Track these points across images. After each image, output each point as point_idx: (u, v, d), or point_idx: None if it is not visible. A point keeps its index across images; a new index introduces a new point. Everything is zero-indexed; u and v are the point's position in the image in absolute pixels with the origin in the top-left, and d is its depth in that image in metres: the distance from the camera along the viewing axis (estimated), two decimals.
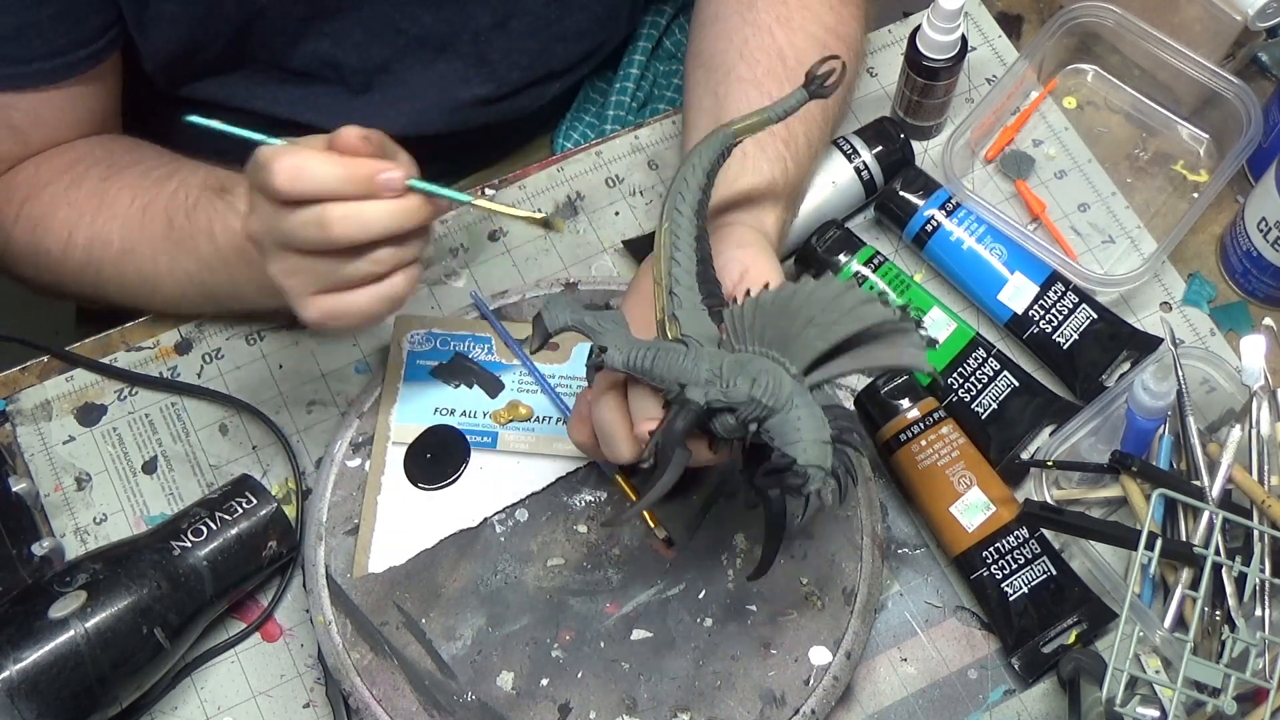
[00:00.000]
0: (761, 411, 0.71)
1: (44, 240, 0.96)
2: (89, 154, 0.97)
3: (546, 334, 0.78)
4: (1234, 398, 0.93)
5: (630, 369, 0.75)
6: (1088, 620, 0.89)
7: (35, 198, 0.96)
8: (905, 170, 1.02)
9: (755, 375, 0.72)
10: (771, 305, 0.73)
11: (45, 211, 0.95)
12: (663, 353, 0.74)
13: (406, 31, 1.01)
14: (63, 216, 0.95)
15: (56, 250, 0.95)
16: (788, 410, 0.71)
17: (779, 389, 0.71)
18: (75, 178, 0.95)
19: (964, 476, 0.92)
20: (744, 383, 0.72)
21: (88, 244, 0.94)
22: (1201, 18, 1.04)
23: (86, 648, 0.82)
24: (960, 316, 0.98)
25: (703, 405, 0.72)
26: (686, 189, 0.79)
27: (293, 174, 0.73)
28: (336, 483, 0.91)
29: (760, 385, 0.71)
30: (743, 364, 0.73)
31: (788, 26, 0.94)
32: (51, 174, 0.96)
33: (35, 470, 0.96)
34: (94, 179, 0.95)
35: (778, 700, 0.85)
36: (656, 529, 0.89)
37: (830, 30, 0.95)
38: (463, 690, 0.86)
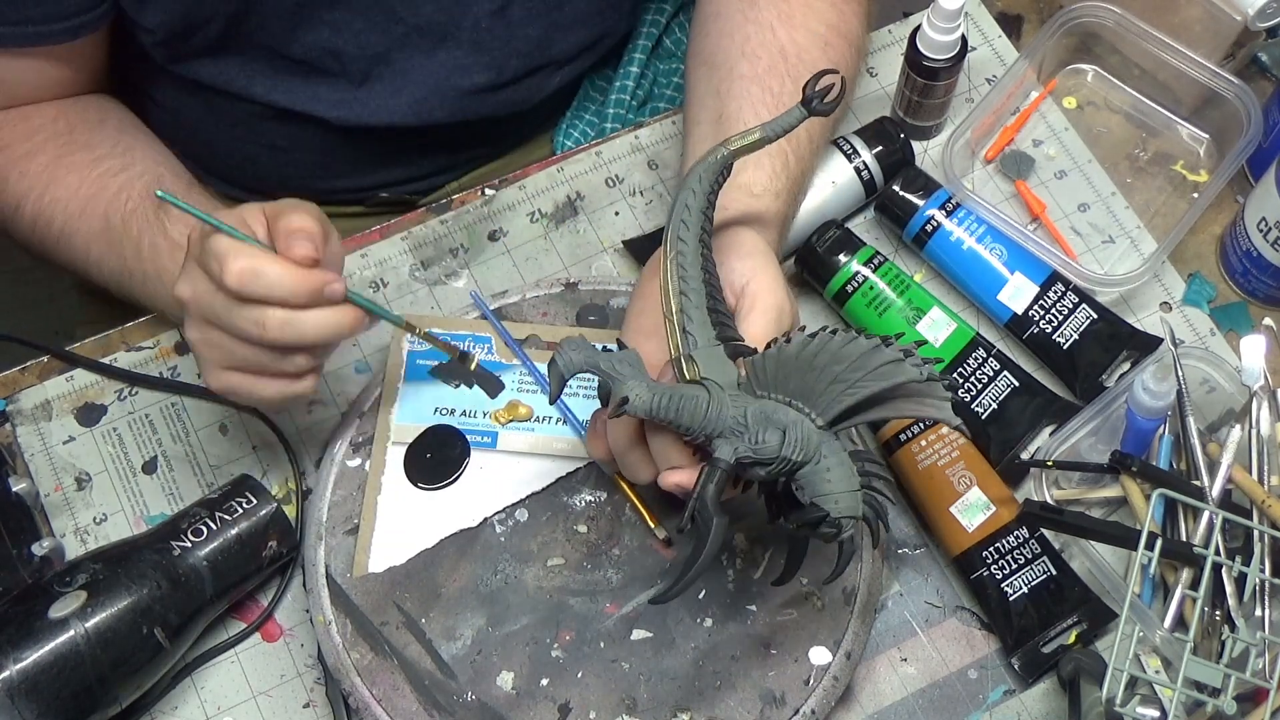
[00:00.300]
0: (791, 467, 0.72)
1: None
2: (51, 123, 0.98)
3: (563, 379, 0.77)
4: (1234, 398, 0.93)
5: (653, 417, 0.75)
6: (1088, 620, 0.89)
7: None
8: (905, 170, 1.02)
9: (784, 427, 0.72)
10: (795, 359, 0.73)
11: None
12: (685, 400, 0.74)
13: (406, 20, 1.01)
14: (14, 184, 0.97)
15: (7, 213, 0.98)
16: (816, 462, 0.72)
17: (807, 442, 0.72)
18: (31, 149, 0.96)
19: (964, 476, 0.92)
20: (773, 437, 0.72)
21: (33, 218, 0.96)
22: (1201, 18, 1.04)
23: (86, 648, 0.82)
24: (960, 316, 0.98)
25: (732, 463, 0.73)
26: (689, 215, 0.78)
27: (247, 278, 0.75)
28: (336, 482, 0.91)
29: (790, 441, 0.72)
30: (768, 415, 0.73)
31: (789, 23, 0.94)
32: (11, 138, 0.97)
33: (35, 470, 0.96)
34: (49, 154, 0.96)
35: (778, 700, 0.85)
36: (656, 529, 0.89)
37: (832, 27, 0.95)
38: (463, 690, 0.86)
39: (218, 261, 0.75)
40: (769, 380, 0.74)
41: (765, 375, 0.74)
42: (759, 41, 0.93)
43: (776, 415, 0.73)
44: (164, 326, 1.01)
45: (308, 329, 0.77)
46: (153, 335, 1.01)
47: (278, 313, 0.76)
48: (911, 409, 0.72)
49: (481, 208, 1.05)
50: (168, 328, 1.01)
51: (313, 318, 0.77)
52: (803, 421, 0.73)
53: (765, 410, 0.73)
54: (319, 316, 0.77)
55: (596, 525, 0.90)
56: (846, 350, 0.72)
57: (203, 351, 0.80)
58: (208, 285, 0.77)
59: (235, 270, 0.74)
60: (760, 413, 0.73)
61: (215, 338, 0.79)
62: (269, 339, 0.76)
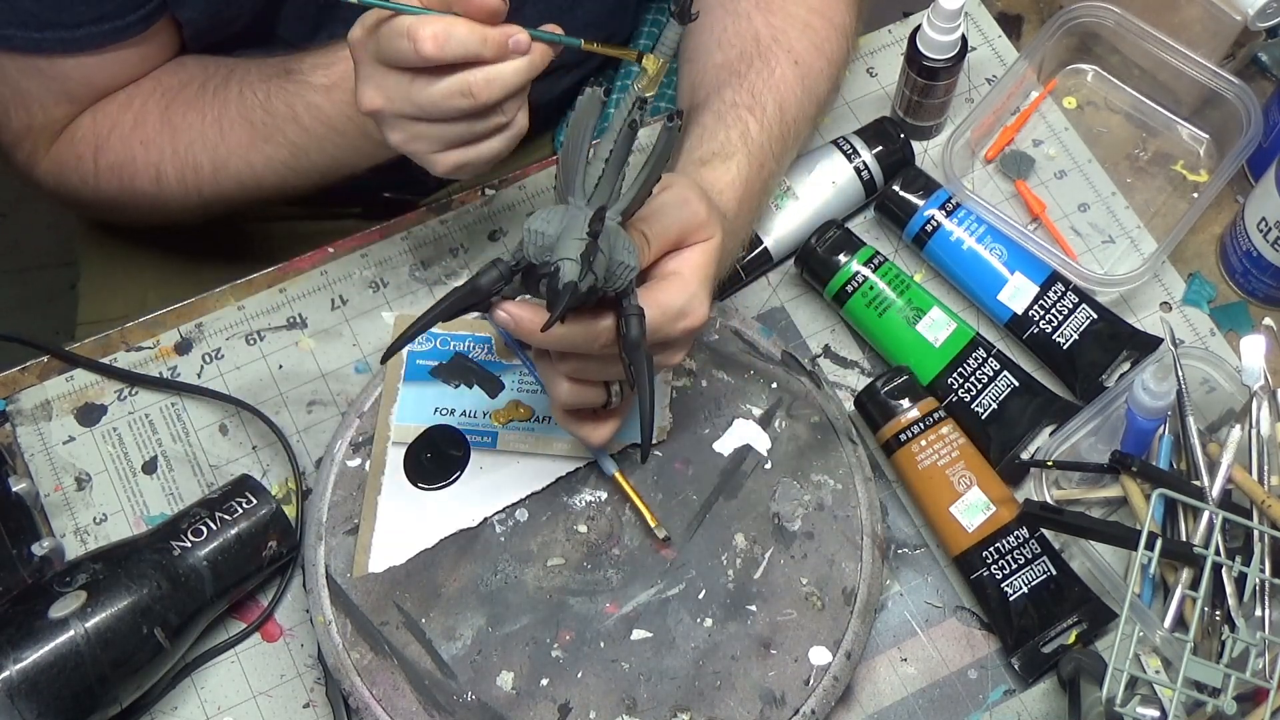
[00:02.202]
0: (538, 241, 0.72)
1: (134, 183, 0.98)
2: (139, 89, 0.98)
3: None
4: (1234, 398, 0.93)
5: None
6: (1088, 620, 0.89)
7: (105, 147, 0.98)
8: (905, 170, 1.02)
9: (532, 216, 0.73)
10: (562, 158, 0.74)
11: (123, 158, 0.98)
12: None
13: None
14: (142, 158, 0.97)
15: (151, 189, 0.98)
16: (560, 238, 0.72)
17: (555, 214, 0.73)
18: (136, 117, 0.97)
19: (964, 476, 0.92)
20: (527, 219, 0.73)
21: (179, 175, 0.97)
22: (1201, 18, 1.04)
23: (86, 648, 0.82)
24: (960, 316, 0.98)
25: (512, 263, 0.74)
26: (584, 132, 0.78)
27: (442, 40, 0.75)
28: (336, 482, 0.91)
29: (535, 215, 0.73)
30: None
31: (767, 10, 0.94)
32: (110, 120, 0.97)
33: (35, 470, 0.96)
34: (155, 112, 0.97)
35: (778, 700, 0.85)
36: (657, 529, 0.89)
37: (814, 10, 0.95)
38: (463, 690, 0.86)
39: (407, 38, 0.75)
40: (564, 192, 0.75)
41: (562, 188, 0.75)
42: (735, 31, 0.94)
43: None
44: (164, 326, 1.01)
45: (510, 82, 0.77)
46: (152, 335, 1.01)
47: (478, 73, 0.76)
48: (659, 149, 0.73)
49: (481, 208, 1.05)
50: (168, 327, 1.01)
51: (511, 69, 0.77)
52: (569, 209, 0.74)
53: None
54: (515, 66, 0.77)
55: (596, 525, 0.90)
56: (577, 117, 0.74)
57: (414, 147, 0.81)
58: (398, 78, 0.77)
59: (428, 35, 0.74)
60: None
61: (422, 129, 0.79)
62: (481, 102, 0.77)
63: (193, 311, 1.02)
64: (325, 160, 0.95)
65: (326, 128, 0.92)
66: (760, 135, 0.91)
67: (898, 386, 0.94)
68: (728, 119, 0.90)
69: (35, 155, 1.00)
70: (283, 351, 1.00)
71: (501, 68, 0.77)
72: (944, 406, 0.94)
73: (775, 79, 0.92)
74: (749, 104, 0.91)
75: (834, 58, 0.97)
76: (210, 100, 0.95)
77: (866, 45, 1.11)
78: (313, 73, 0.91)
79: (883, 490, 0.95)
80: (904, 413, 0.93)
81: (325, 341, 1.00)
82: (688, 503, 0.90)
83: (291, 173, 0.96)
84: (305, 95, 0.91)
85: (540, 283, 0.72)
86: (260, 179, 0.97)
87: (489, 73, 0.77)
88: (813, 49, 0.95)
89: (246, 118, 0.94)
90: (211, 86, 0.96)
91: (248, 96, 0.94)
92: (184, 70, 0.99)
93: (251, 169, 0.96)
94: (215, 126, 0.95)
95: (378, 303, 1.01)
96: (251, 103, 0.93)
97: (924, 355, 0.96)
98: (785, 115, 0.93)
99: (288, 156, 0.95)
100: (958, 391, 0.95)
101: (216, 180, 0.97)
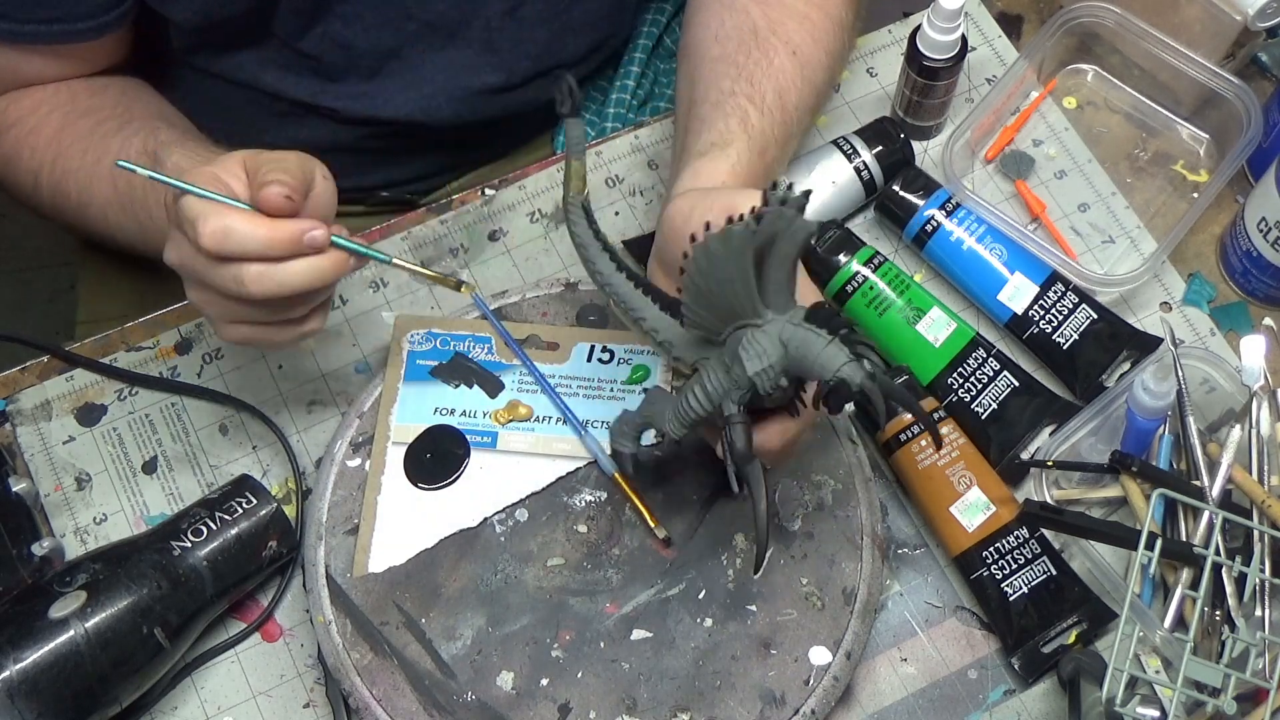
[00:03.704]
0: (773, 372, 0.72)
1: (14, 177, 0.99)
2: (53, 96, 0.98)
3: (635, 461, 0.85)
4: (1234, 398, 0.93)
5: (688, 429, 0.79)
6: (1088, 620, 0.89)
7: (3, 136, 0.98)
8: (905, 170, 1.02)
9: (739, 346, 0.73)
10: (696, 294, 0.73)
11: (11, 153, 0.98)
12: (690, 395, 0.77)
13: (418, 16, 1.01)
14: (26, 161, 0.98)
15: (27, 188, 0.99)
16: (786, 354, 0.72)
17: (764, 348, 0.72)
18: (37, 123, 0.97)
19: (964, 476, 0.92)
20: (743, 364, 0.73)
21: (50, 192, 0.97)
22: (1201, 18, 1.04)
23: (86, 648, 0.82)
24: (960, 316, 0.98)
25: (736, 409, 0.75)
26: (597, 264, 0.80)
27: (219, 238, 0.75)
28: (337, 482, 0.91)
29: (751, 354, 0.72)
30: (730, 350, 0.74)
31: (763, 3, 0.94)
32: (18, 113, 0.98)
33: (35, 470, 0.96)
34: (52, 126, 0.97)
35: (777, 700, 0.85)
36: (656, 529, 0.89)
37: (812, 4, 0.95)
38: (462, 690, 0.86)
39: (190, 225, 0.75)
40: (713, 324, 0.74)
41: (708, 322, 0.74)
42: (732, 24, 0.94)
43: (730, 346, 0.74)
44: (164, 326, 1.01)
45: (287, 281, 0.76)
46: (152, 335, 1.01)
47: (253, 268, 0.75)
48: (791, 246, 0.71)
49: (481, 208, 1.05)
50: (168, 327, 1.01)
51: (291, 268, 0.76)
52: (748, 330, 0.73)
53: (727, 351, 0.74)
54: (298, 266, 0.76)
55: (596, 525, 0.90)
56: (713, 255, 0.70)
57: (205, 310, 0.81)
58: (189, 248, 0.77)
59: (207, 232, 0.74)
60: (719, 357, 0.75)
61: (209, 298, 0.79)
62: (249, 294, 0.76)
63: (193, 311, 1.01)
64: None
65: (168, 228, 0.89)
66: (761, 121, 0.90)
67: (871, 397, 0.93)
68: (726, 107, 0.90)
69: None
70: (283, 351, 1.00)
71: (281, 267, 0.76)
72: (944, 406, 0.94)
73: (774, 68, 0.92)
74: (747, 92, 0.90)
75: (832, 50, 0.96)
76: (97, 142, 0.95)
77: (866, 45, 1.11)
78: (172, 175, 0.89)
79: (883, 490, 0.95)
80: (904, 413, 0.93)
81: (325, 341, 1.00)
82: (688, 503, 0.90)
83: (140, 245, 0.96)
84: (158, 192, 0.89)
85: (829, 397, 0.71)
86: (114, 234, 0.97)
87: (265, 270, 0.76)
88: (810, 40, 0.94)
89: (113, 179, 0.93)
90: (104, 130, 0.95)
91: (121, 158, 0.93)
92: (98, 98, 0.98)
93: (106, 223, 0.96)
94: (88, 170, 0.94)
95: (378, 303, 1.01)
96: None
97: (924, 355, 0.96)
98: (785, 102, 0.92)
99: (136, 232, 0.94)
100: (958, 391, 0.95)
101: (81, 214, 0.97)
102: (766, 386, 0.72)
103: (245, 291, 0.76)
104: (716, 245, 0.69)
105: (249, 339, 0.82)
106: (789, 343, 0.72)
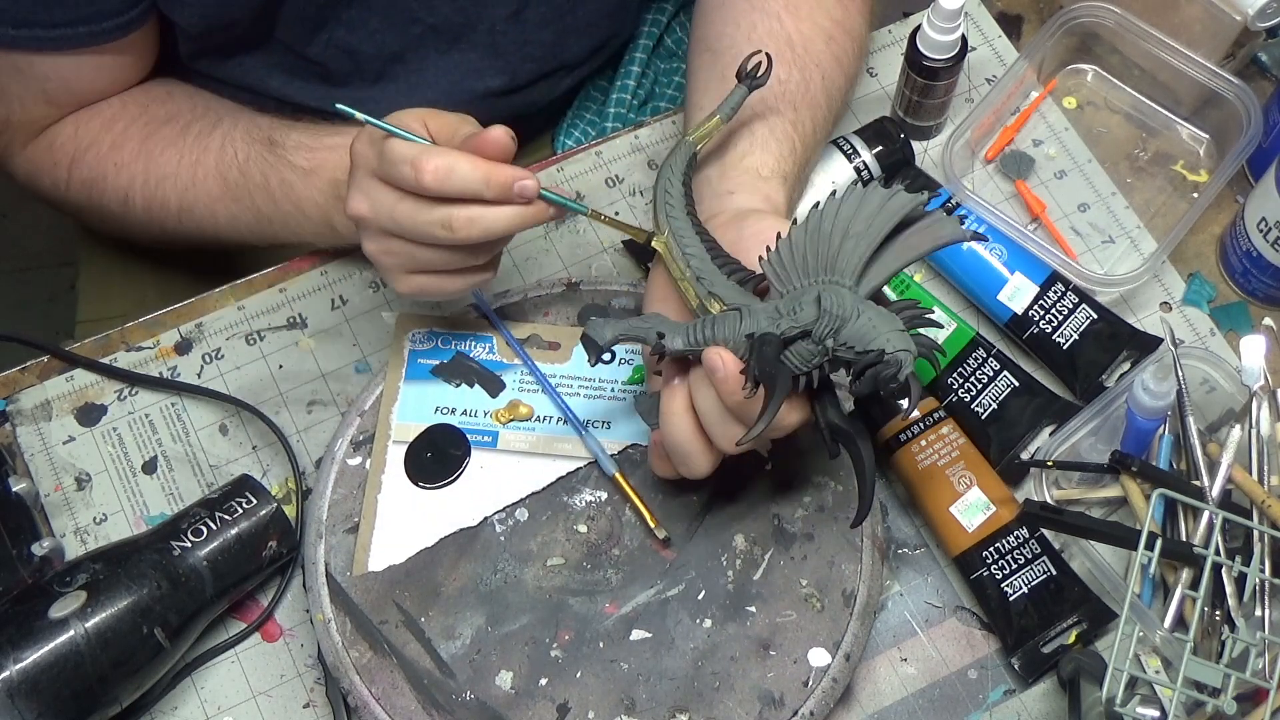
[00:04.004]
0: (834, 323, 0.73)
1: (102, 200, 0.99)
2: (124, 110, 0.98)
3: (599, 348, 0.79)
4: (1234, 398, 0.93)
5: (693, 346, 0.77)
6: (1088, 620, 0.89)
7: (81, 161, 0.98)
8: (905, 170, 1.02)
9: (817, 295, 0.73)
10: (804, 237, 0.75)
11: (95, 175, 0.98)
12: (720, 322, 0.76)
13: (423, 20, 1.01)
14: (113, 179, 0.97)
15: (117, 210, 0.99)
16: (856, 318, 0.72)
17: (842, 301, 0.73)
18: (116, 139, 0.97)
19: (964, 476, 0.92)
20: (809, 306, 0.73)
21: (145, 206, 0.97)
22: (1201, 18, 1.04)
23: (86, 648, 0.82)
24: (960, 316, 0.98)
25: (778, 334, 0.74)
26: (671, 198, 0.82)
27: (443, 174, 0.75)
28: (337, 480, 0.91)
29: (825, 302, 0.73)
30: (798, 296, 0.74)
31: (796, 15, 0.94)
32: (91, 135, 0.98)
33: (35, 470, 0.96)
34: (135, 139, 0.97)
35: (776, 702, 0.85)
36: (656, 529, 0.89)
37: (837, 23, 0.95)
38: (461, 689, 0.86)
39: (409, 164, 0.75)
40: (789, 270, 0.75)
41: (784, 268, 0.76)
42: (766, 30, 0.94)
43: (807, 293, 0.74)
44: (164, 326, 1.01)
45: (494, 226, 0.77)
46: (152, 335, 1.01)
47: (463, 211, 0.76)
48: (926, 240, 0.73)
49: None
50: (167, 327, 1.01)
51: (500, 213, 0.77)
52: (832, 287, 0.74)
53: (794, 295, 0.75)
54: (506, 212, 0.77)
55: (596, 525, 0.90)
56: (846, 205, 0.74)
57: (384, 261, 0.81)
58: (388, 194, 0.78)
59: (430, 169, 0.75)
60: (791, 298, 0.75)
61: (396, 246, 0.80)
62: (458, 239, 0.77)
63: (193, 311, 1.02)
64: (286, 233, 0.96)
65: (294, 207, 0.93)
66: (801, 153, 0.92)
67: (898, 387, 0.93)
68: (777, 131, 0.90)
69: (10, 149, 1.01)
70: (283, 351, 1.00)
71: (489, 211, 0.77)
72: (944, 406, 0.94)
73: (810, 95, 0.93)
74: (792, 119, 0.92)
75: (850, 73, 0.98)
76: (191, 143, 0.96)
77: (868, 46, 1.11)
78: (295, 152, 0.91)
79: (883, 490, 0.95)
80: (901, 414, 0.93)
81: (325, 341, 1.00)
82: (688, 503, 0.90)
83: (252, 234, 0.97)
84: (282, 171, 0.92)
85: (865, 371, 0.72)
86: (221, 231, 0.98)
87: (474, 213, 0.77)
88: (835, 63, 0.95)
89: (221, 172, 0.94)
90: (196, 129, 0.96)
91: (228, 152, 0.94)
92: (172, 103, 0.99)
93: (214, 220, 0.97)
94: (190, 171, 0.95)
95: (378, 303, 1.01)
96: (229, 160, 0.94)
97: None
98: (817, 133, 0.94)
99: (251, 220, 0.95)
100: (958, 391, 0.95)
101: (180, 221, 0.98)
102: (825, 330, 0.73)
103: (451, 235, 0.77)
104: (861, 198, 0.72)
105: (423, 288, 0.82)
106: (863, 312, 0.72)
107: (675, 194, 0.82)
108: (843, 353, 0.73)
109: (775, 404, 0.73)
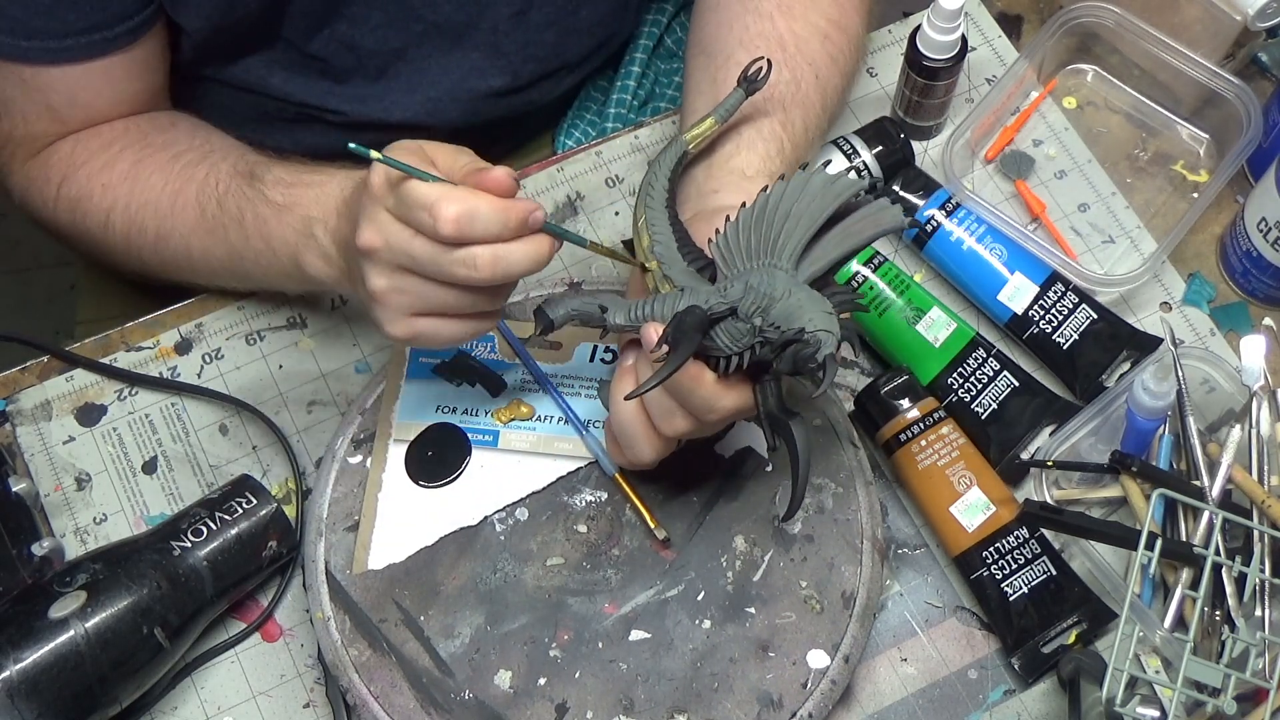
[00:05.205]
0: (761, 300, 0.73)
1: (84, 221, 0.97)
2: (124, 134, 0.97)
3: (549, 322, 0.80)
4: (1234, 398, 0.93)
5: (633, 321, 0.78)
6: (1088, 620, 0.89)
7: (71, 178, 0.97)
8: (905, 170, 1.02)
9: (748, 278, 0.75)
10: (750, 220, 0.76)
11: (81, 193, 0.97)
12: (661, 300, 0.78)
13: (425, 18, 1.01)
14: (98, 199, 0.96)
15: (97, 231, 0.97)
16: (786, 298, 0.73)
17: (772, 281, 0.74)
18: (109, 159, 0.96)
19: (964, 476, 0.92)
20: (738, 285, 0.75)
21: (125, 229, 0.96)
22: (1201, 18, 1.04)
23: (86, 648, 0.82)
24: (960, 316, 0.98)
25: (705, 308, 0.74)
26: (653, 190, 0.83)
27: (465, 221, 0.73)
28: (337, 479, 0.91)
29: (754, 281, 0.74)
30: (736, 277, 0.76)
31: (789, 15, 0.94)
32: (87, 154, 0.97)
33: (35, 470, 0.96)
34: (127, 161, 0.96)
35: (775, 703, 0.85)
36: (656, 529, 0.89)
37: (832, 22, 0.95)
38: (460, 688, 0.86)
39: (426, 210, 0.73)
40: (733, 253, 0.76)
41: (729, 250, 0.76)
42: (758, 31, 0.93)
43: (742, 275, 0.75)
44: (164, 326, 1.01)
45: (514, 265, 0.75)
46: (152, 335, 1.01)
47: (486, 251, 0.74)
48: (867, 228, 0.74)
49: None
50: (167, 327, 1.01)
51: (518, 250, 0.75)
52: (766, 268, 0.74)
53: (734, 276, 0.76)
54: (523, 248, 0.75)
55: (596, 525, 0.90)
56: (791, 187, 0.75)
57: (391, 300, 0.77)
58: (403, 232, 0.75)
59: (451, 215, 0.72)
60: (728, 279, 0.76)
61: (409, 284, 0.76)
62: (480, 278, 0.74)
63: (193, 311, 1.02)
64: (257, 272, 0.92)
65: (265, 244, 0.89)
66: (791, 154, 0.91)
67: (898, 386, 0.94)
68: (764, 131, 0.90)
69: (10, 165, 0.99)
70: (283, 351, 1.00)
71: (511, 249, 0.75)
72: (944, 406, 0.94)
73: (801, 94, 0.92)
74: (782, 120, 0.91)
75: (846, 71, 0.97)
76: (178, 172, 0.94)
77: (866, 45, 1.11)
78: (273, 187, 0.88)
79: (883, 490, 0.95)
80: (904, 413, 0.93)
81: (325, 341, 1.00)
82: (688, 504, 0.90)
83: (225, 271, 0.95)
84: (257, 205, 0.89)
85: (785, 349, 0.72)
86: (195, 267, 0.96)
87: (498, 251, 0.74)
88: (830, 62, 0.94)
89: (200, 203, 0.92)
90: (185, 159, 0.94)
91: (209, 184, 0.92)
92: (173, 133, 0.98)
93: (189, 253, 0.94)
94: (170, 199, 0.93)
95: None
96: (209, 192, 0.92)
97: (924, 355, 0.96)
98: (809, 134, 0.93)
99: (224, 255, 0.93)
100: (958, 391, 0.95)
101: (157, 250, 0.96)
102: (752, 307, 0.73)
103: (475, 275, 0.74)
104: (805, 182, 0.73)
105: (424, 333, 0.78)
106: (793, 292, 0.73)
107: (658, 187, 0.83)
108: (770, 332, 0.73)
109: (674, 362, 0.74)
